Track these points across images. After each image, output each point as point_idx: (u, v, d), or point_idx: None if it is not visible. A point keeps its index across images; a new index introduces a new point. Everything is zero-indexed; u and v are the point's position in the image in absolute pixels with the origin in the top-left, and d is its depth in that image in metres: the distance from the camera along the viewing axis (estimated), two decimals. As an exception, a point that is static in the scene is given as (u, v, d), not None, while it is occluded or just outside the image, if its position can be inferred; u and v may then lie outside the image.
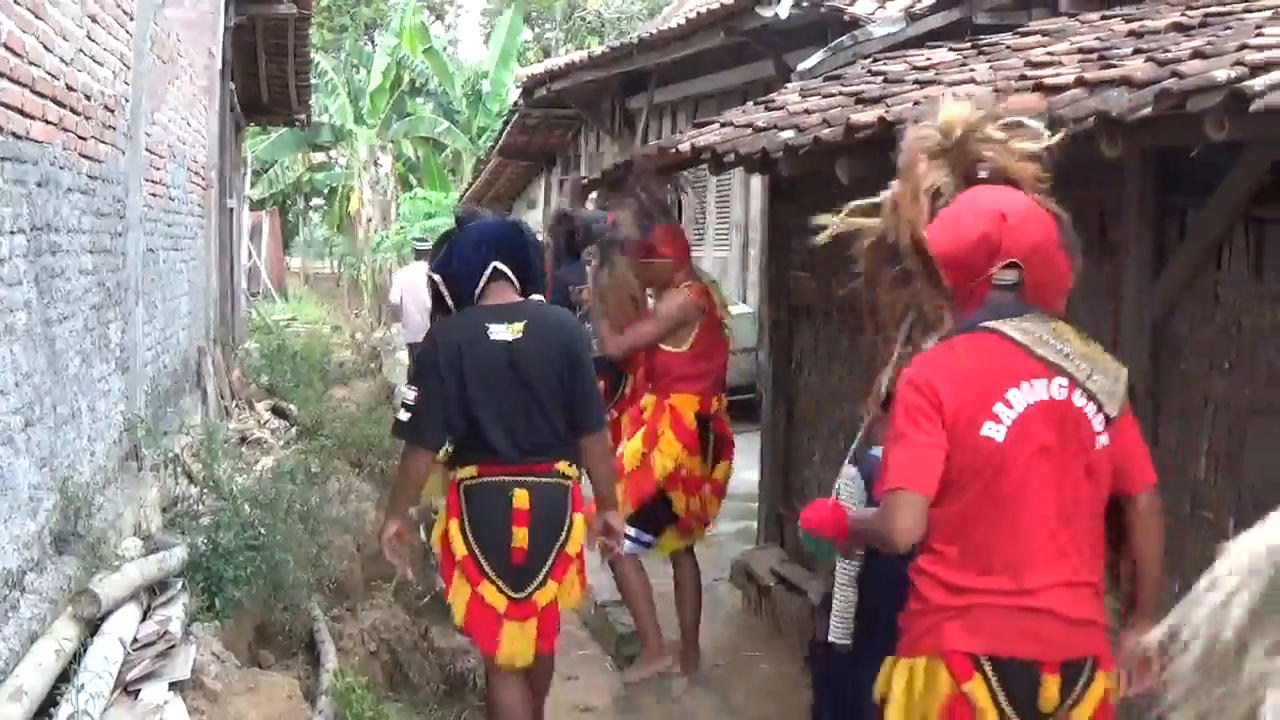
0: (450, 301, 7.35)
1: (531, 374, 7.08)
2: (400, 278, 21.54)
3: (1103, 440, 4.89)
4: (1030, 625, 4.82)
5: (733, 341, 9.56)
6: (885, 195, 5.18)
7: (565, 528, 7.19)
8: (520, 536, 7.00)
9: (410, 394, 7.17)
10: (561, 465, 7.20)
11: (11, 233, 6.52)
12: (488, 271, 7.20)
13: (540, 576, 7.09)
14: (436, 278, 7.44)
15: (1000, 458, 4.79)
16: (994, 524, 4.83)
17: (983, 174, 5.02)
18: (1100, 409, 4.89)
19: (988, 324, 4.89)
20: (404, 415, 7.18)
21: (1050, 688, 4.82)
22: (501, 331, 7.06)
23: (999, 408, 4.80)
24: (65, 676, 6.02)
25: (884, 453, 4.99)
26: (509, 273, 7.25)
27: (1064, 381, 4.85)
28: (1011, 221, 4.84)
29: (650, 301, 9.45)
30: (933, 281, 5.03)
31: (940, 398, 4.79)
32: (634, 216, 9.46)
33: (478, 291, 7.24)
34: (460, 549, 7.09)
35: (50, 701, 5.84)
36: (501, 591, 7.05)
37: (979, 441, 4.78)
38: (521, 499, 7.01)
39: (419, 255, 20.82)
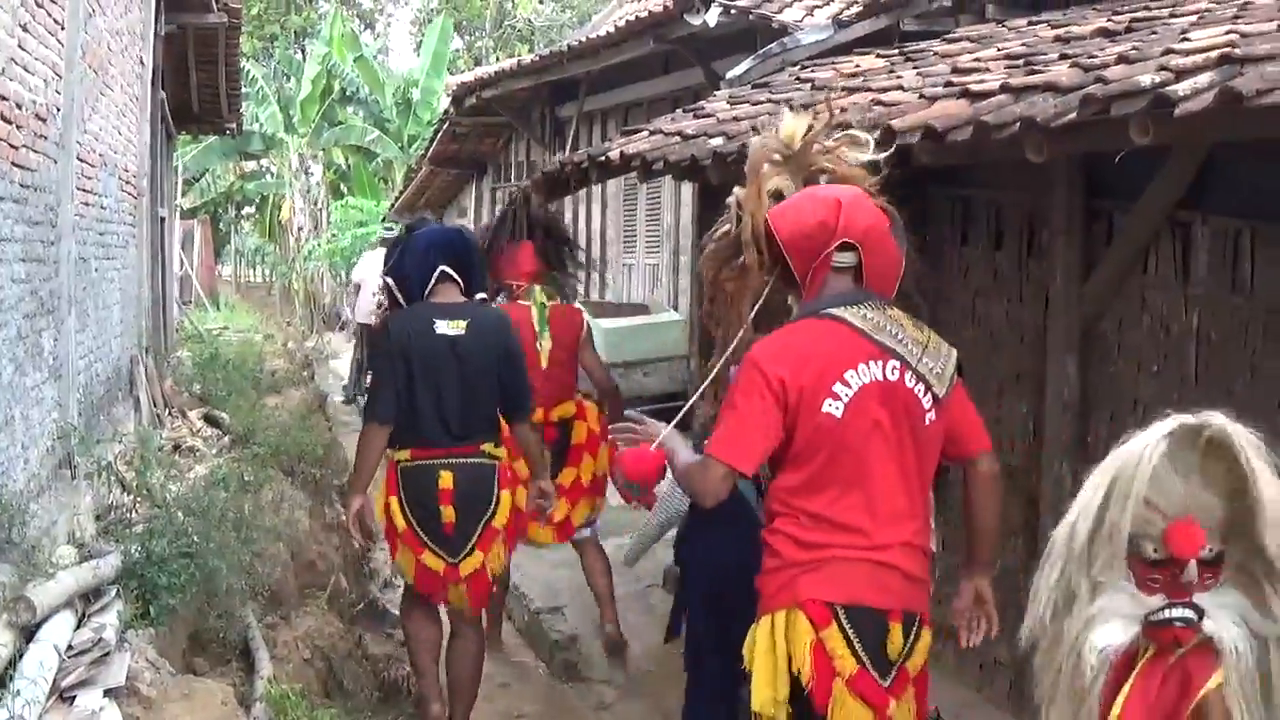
0: (402, 300, 8.20)
1: (471, 366, 7.97)
2: (363, 260, 24.11)
3: (931, 417, 5.44)
4: (880, 577, 5.33)
5: (544, 351, 9.90)
6: (731, 199, 5.87)
7: (492, 504, 8.08)
8: (447, 513, 7.92)
9: (367, 380, 8.17)
10: (487, 447, 8.08)
11: (-57, 242, 6.52)
12: (435, 275, 8.07)
13: (468, 547, 8.00)
14: (389, 280, 8.31)
15: (840, 432, 5.30)
16: (842, 490, 5.34)
17: (822, 179, 5.62)
18: (929, 389, 5.42)
19: (830, 310, 5.41)
20: (366, 397, 8.19)
21: (897, 636, 5.33)
22: (446, 327, 7.95)
23: (838, 387, 5.31)
24: (0, 683, 6.01)
25: (719, 416, 5.47)
26: (454, 275, 8.13)
27: (897, 364, 5.37)
28: (846, 208, 5.37)
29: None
30: (781, 272, 5.60)
31: (782, 379, 5.27)
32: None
33: (427, 292, 8.11)
34: (401, 523, 8.01)
35: (-14, 707, 5.83)
36: (440, 557, 8.00)
37: (820, 418, 5.29)
38: (446, 480, 7.90)
39: (384, 242, 21.90)
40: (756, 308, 5.78)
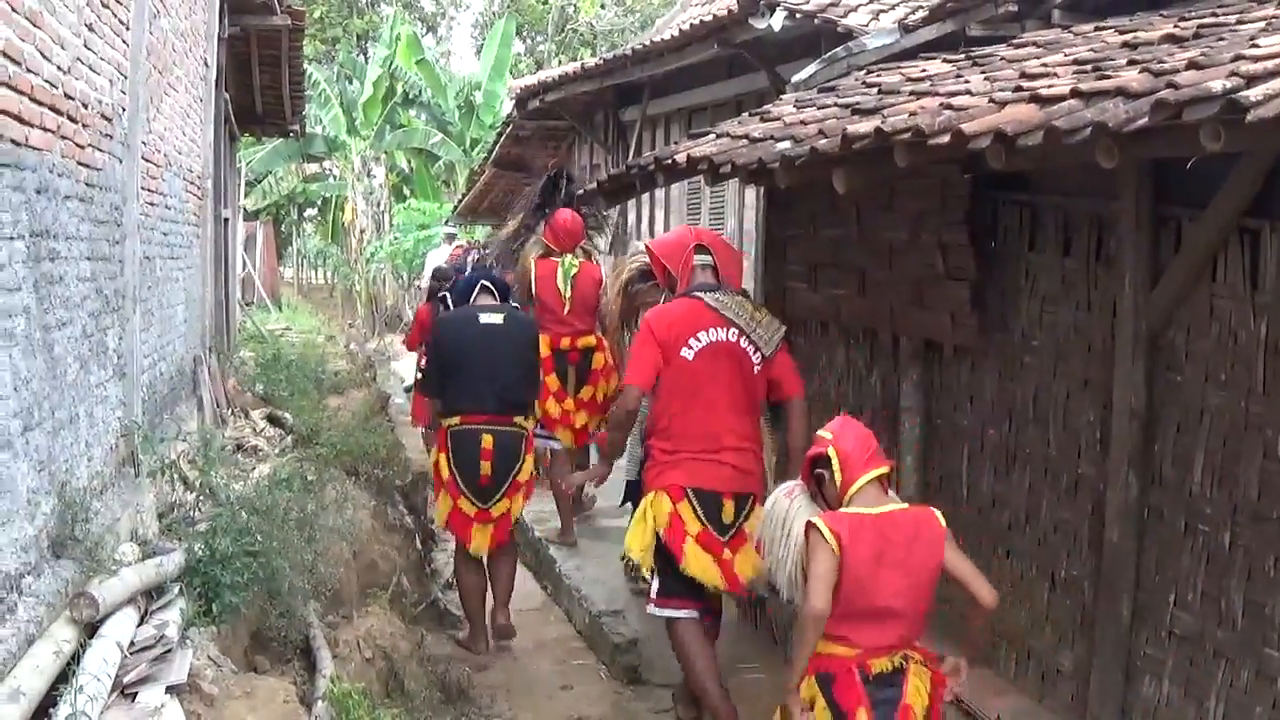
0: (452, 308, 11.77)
1: (508, 348, 10.71)
2: (428, 261, 28.52)
3: (758, 369, 8.68)
4: (715, 470, 8.55)
5: (567, 299, 13.39)
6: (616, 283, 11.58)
7: (519, 463, 10.71)
8: (485, 468, 10.51)
9: (423, 361, 11.66)
10: (518, 420, 10.76)
11: (11, 239, 6.54)
12: (477, 288, 11.09)
13: (498, 495, 10.62)
14: (447, 294, 12.61)
15: (691, 370, 8.56)
16: (692, 413, 8.57)
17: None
18: (758, 350, 8.66)
19: (694, 294, 8.74)
20: (419, 376, 12.24)
21: (728, 508, 8.56)
22: (488, 318, 10.76)
23: (691, 341, 8.59)
24: (63, 678, 6.01)
25: (628, 360, 8.92)
26: (492, 288, 11.10)
27: (736, 331, 8.64)
28: (696, 229, 9.60)
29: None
30: (667, 282, 9.19)
31: (658, 331, 8.64)
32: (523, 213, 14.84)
33: (472, 300, 11.02)
34: (446, 473, 10.64)
35: (49, 702, 5.84)
36: (473, 504, 10.59)
37: (679, 361, 8.58)
38: (487, 441, 10.52)
39: (448, 238, 29.99)
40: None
